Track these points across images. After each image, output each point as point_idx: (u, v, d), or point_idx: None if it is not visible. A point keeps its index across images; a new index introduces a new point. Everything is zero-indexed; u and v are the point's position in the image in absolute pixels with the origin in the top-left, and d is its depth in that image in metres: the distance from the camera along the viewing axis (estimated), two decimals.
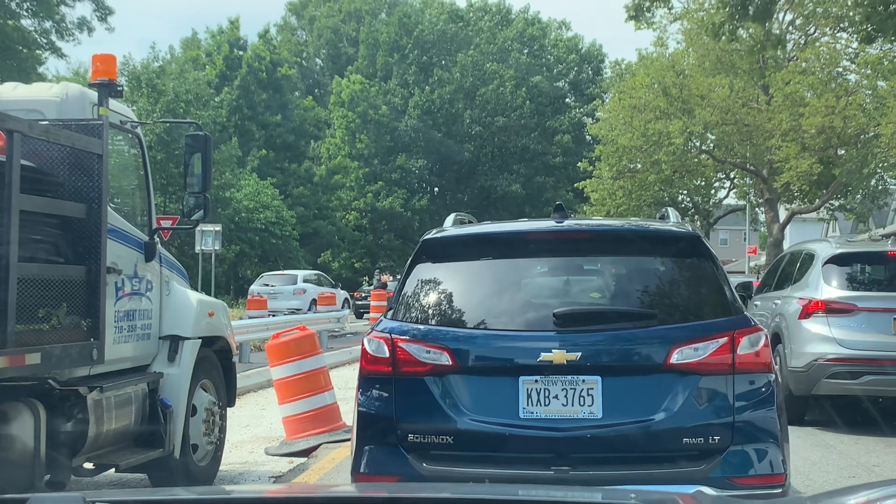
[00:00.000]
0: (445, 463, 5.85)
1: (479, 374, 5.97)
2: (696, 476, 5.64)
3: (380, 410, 6.00)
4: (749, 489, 5.69)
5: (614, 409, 5.77)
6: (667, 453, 5.78)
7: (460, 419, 5.83)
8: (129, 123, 8.82)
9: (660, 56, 48.89)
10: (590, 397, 5.78)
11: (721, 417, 5.79)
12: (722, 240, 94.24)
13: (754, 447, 5.83)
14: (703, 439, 5.75)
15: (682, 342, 5.83)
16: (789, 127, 40.33)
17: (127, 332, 8.52)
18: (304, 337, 12.02)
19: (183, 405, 8.99)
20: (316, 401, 11.82)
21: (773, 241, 47.51)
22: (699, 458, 5.75)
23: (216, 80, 62.56)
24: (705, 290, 6.28)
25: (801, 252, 14.65)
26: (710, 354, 5.81)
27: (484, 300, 6.21)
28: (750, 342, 5.90)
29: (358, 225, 71.37)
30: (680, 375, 5.80)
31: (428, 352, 5.92)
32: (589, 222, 7.83)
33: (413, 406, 5.93)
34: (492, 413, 5.84)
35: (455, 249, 6.53)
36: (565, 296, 6.51)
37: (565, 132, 77.35)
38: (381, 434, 6.01)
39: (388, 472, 5.90)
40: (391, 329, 6.09)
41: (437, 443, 5.89)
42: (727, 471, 5.73)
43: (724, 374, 5.82)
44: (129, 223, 8.69)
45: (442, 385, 5.89)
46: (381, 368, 6.01)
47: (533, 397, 5.81)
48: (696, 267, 6.37)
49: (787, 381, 13.16)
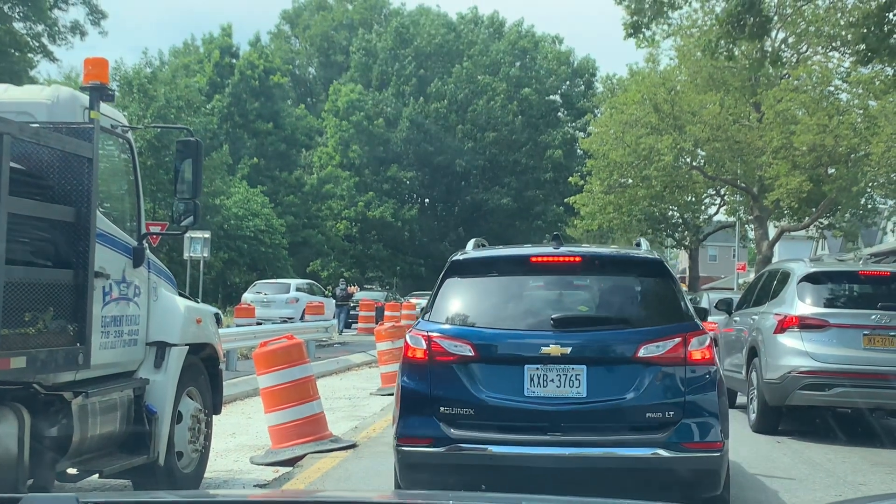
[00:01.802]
0: (468, 429, 7.62)
1: (494, 362, 7.79)
2: (655, 441, 7.48)
3: (418, 389, 7.76)
4: (695, 452, 7.50)
5: (596, 391, 7.60)
6: (635, 424, 7.58)
7: (480, 396, 7.63)
8: (120, 128, 8.78)
9: (651, 72, 48.93)
10: (577, 381, 7.60)
11: (675, 398, 7.57)
12: (711, 256, 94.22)
13: (700, 421, 7.57)
14: (662, 414, 7.53)
15: (647, 340, 7.65)
16: (780, 144, 40.38)
17: (114, 338, 8.47)
18: (292, 346, 11.97)
19: (168, 412, 8.94)
20: (302, 410, 11.77)
21: (762, 259, 47.48)
22: (658, 427, 7.53)
23: (207, 87, 62.44)
24: (665, 301, 8.15)
25: (779, 270, 15.39)
26: (667, 350, 7.62)
27: (498, 306, 8.12)
28: (698, 342, 7.71)
29: (348, 234, 71.20)
30: (645, 366, 7.61)
31: (455, 345, 7.74)
32: (578, 249, 9.45)
33: (444, 386, 7.70)
34: (504, 392, 7.66)
35: (475, 267, 8.46)
36: (559, 305, 8.35)
37: (557, 147, 77.30)
38: (419, 407, 7.73)
39: (425, 435, 7.66)
40: (427, 328, 7.93)
41: (462, 413, 7.64)
42: (679, 438, 7.49)
43: (678, 365, 7.61)
44: (118, 228, 8.64)
45: (466, 370, 7.71)
46: (419, 357, 7.80)
47: (535, 380, 7.63)
48: (660, 284, 8.30)
49: (763, 392, 13.87)
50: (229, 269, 55.38)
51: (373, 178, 73.33)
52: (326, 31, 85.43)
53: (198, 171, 8.98)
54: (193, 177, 8.94)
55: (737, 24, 19.15)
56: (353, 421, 15.39)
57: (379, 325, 21.13)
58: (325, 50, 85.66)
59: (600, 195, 50.33)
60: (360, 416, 16.14)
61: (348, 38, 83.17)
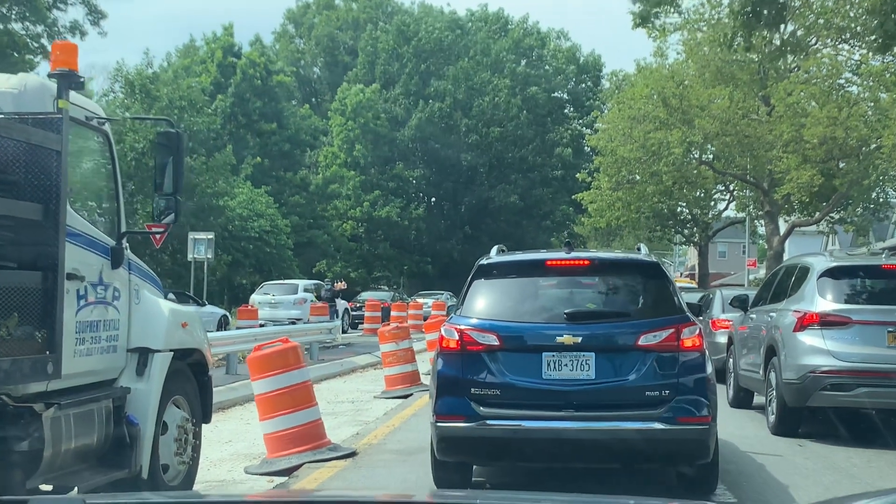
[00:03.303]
0: (495, 407, 8.74)
1: (516, 350, 8.91)
2: (653, 416, 8.61)
3: (452, 374, 8.92)
4: (687, 425, 8.63)
5: (603, 373, 8.77)
6: (636, 401, 8.71)
7: (504, 379, 8.78)
8: (96, 119, 8.20)
9: (659, 67, 48.33)
10: (587, 365, 8.76)
11: (669, 379, 8.70)
12: (720, 252, 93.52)
13: (690, 398, 8.70)
14: (658, 393, 8.68)
15: (646, 331, 8.82)
16: (790, 138, 39.81)
17: (90, 344, 7.90)
18: (287, 349, 11.38)
19: (152, 423, 8.37)
20: (299, 417, 11.19)
21: (773, 254, 46.91)
22: (656, 404, 8.65)
23: (210, 87, 61.85)
24: (661, 298, 9.36)
25: (797, 265, 14.71)
26: (663, 339, 8.78)
27: (518, 303, 9.34)
28: (689, 332, 8.88)
29: (354, 234, 70.59)
30: (644, 352, 8.76)
31: (483, 336, 8.91)
32: (587, 253, 11.17)
33: (474, 371, 8.84)
34: (525, 375, 8.80)
35: (499, 270, 9.66)
36: (571, 301, 9.50)
37: (565, 145, 76.73)
38: (453, 389, 8.87)
39: (458, 413, 8.77)
40: (459, 322, 9.13)
41: (490, 394, 8.78)
42: (673, 413, 8.61)
43: (672, 352, 8.76)
44: (94, 227, 8.06)
45: (492, 357, 8.86)
46: (452, 347, 8.99)
47: (551, 365, 8.76)
48: (656, 283, 9.52)
49: (783, 393, 13.19)
50: (234, 270, 54.83)
51: (378, 177, 72.74)
52: (331, 31, 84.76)
53: (179, 164, 8.38)
54: (174, 171, 8.34)
55: (753, 14, 18.56)
56: (355, 426, 14.82)
57: (383, 326, 20.52)
58: (331, 50, 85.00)
59: (608, 192, 49.82)
60: (363, 420, 15.56)
61: (354, 38, 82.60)
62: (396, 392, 18.69)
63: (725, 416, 15.07)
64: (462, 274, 10.84)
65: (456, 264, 72.18)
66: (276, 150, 64.66)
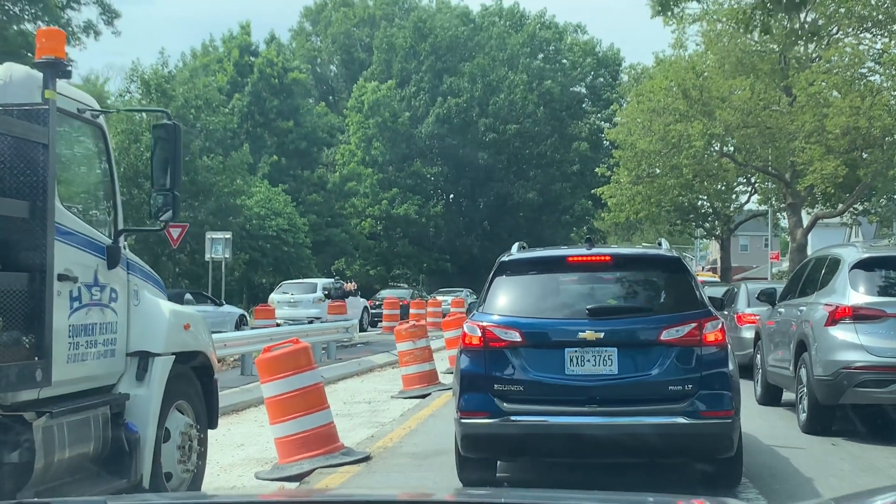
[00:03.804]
0: (518, 403, 8.75)
1: (539, 346, 8.90)
2: (676, 411, 8.60)
3: (475, 370, 8.91)
4: (710, 419, 8.59)
5: (625, 368, 8.74)
6: (659, 396, 8.67)
7: (527, 375, 8.78)
8: (89, 112, 7.79)
9: (678, 59, 47.81)
10: (610, 361, 8.73)
11: (692, 374, 8.67)
12: (742, 246, 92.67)
13: (713, 392, 8.69)
14: (682, 387, 8.64)
15: (668, 326, 8.78)
16: (813, 128, 39.30)
17: (85, 349, 7.50)
18: (298, 350, 10.95)
19: (153, 430, 7.97)
20: (311, 420, 10.75)
21: (797, 247, 46.37)
22: (679, 399, 8.63)
23: (227, 86, 61.49)
24: (683, 292, 9.29)
25: (827, 257, 14.05)
26: (685, 334, 8.74)
27: (540, 299, 9.31)
28: (711, 326, 8.84)
29: (373, 232, 70.16)
30: (667, 347, 8.73)
31: (506, 333, 8.87)
32: (608, 249, 10.90)
33: (497, 367, 8.83)
34: (548, 371, 8.79)
35: (520, 267, 9.64)
36: (592, 297, 9.31)
37: (583, 139, 76.18)
38: (476, 385, 8.86)
39: (482, 410, 8.76)
40: (481, 319, 9.11)
41: (513, 390, 8.78)
42: (696, 407, 8.60)
43: (694, 346, 8.72)
44: (88, 224, 7.66)
45: (515, 354, 8.83)
46: (475, 344, 8.95)
47: (574, 361, 8.74)
48: (678, 278, 9.47)
49: (814, 390, 12.59)
50: (253, 269, 54.50)
51: (396, 175, 72.31)
52: (348, 28, 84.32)
53: (177, 158, 7.95)
54: (172, 165, 7.92)
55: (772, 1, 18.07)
56: (371, 428, 14.40)
57: (399, 324, 20.08)
58: (347, 47, 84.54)
59: (628, 186, 49.36)
60: (379, 422, 15.14)
61: (370, 35, 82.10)
62: (414, 392, 18.28)
63: (754, 413, 14.62)
64: (481, 271, 10.55)
65: (475, 261, 71.77)
66: (292, 149, 64.25)
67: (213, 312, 32.78)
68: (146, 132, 45.23)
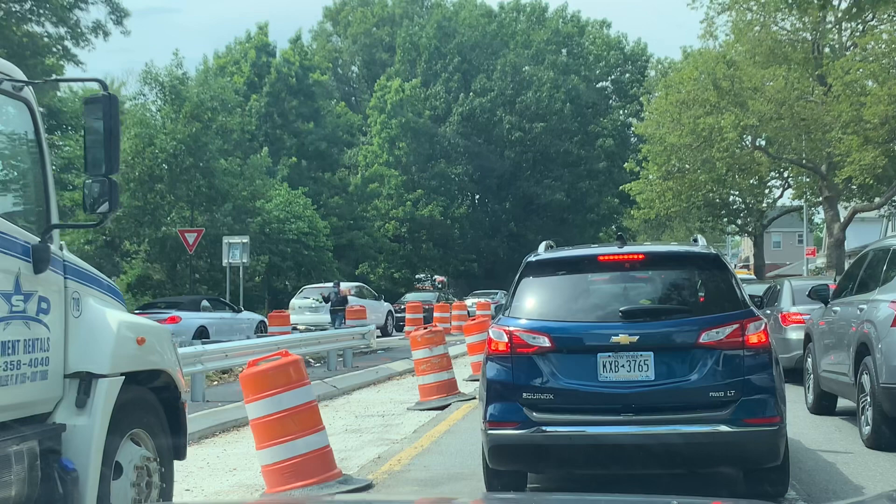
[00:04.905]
0: (549, 412, 8.24)
1: (569, 352, 8.37)
2: (718, 418, 8.01)
3: (502, 378, 8.43)
4: (755, 427, 8.03)
5: (663, 374, 8.19)
6: (699, 403, 8.10)
7: (558, 382, 8.27)
8: (10, 83, 6.42)
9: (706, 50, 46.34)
10: (646, 366, 8.19)
11: (735, 378, 8.11)
12: (774, 242, 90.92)
13: (758, 398, 8.11)
14: (723, 393, 8.09)
15: (708, 327, 8.23)
16: (850, 118, 37.79)
17: (6, 371, 6.12)
18: (287, 364, 9.55)
19: (96, 466, 6.58)
20: (302, 445, 9.37)
21: (834, 242, 44.81)
22: (721, 406, 8.07)
23: (244, 87, 60.19)
24: (723, 292, 8.73)
25: (888, 249, 12.44)
26: (727, 336, 8.19)
27: (570, 301, 8.80)
28: (754, 327, 8.27)
29: (397, 235, 68.75)
30: (707, 350, 8.18)
31: (534, 338, 8.39)
32: (642, 247, 10.36)
33: (525, 374, 8.34)
34: (579, 378, 8.27)
35: (548, 267, 9.10)
36: (625, 298, 8.82)
37: (608, 136, 74.64)
38: (504, 394, 8.38)
39: (510, 420, 8.28)
40: (507, 323, 8.61)
41: (543, 399, 8.27)
42: (740, 414, 8.02)
43: (736, 349, 8.17)
44: (8, 220, 6.28)
45: (544, 360, 8.33)
46: (502, 350, 8.49)
47: (607, 367, 8.23)
48: (717, 276, 8.90)
49: (880, 399, 11.00)
50: (274, 274, 53.22)
51: (420, 176, 70.91)
52: (368, 28, 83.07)
53: (114, 137, 6.49)
54: (108, 146, 6.47)
55: None
56: (379, 446, 13.00)
57: (415, 330, 18.64)
58: (368, 47, 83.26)
59: (658, 181, 47.97)
60: (390, 439, 13.74)
61: (391, 34, 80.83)
62: (431, 403, 16.87)
63: (807, 424, 13.21)
64: (508, 272, 9.50)
65: (501, 263, 70.36)
66: (312, 150, 62.90)
67: (230, 319, 31.55)
68: (161, 133, 44.09)
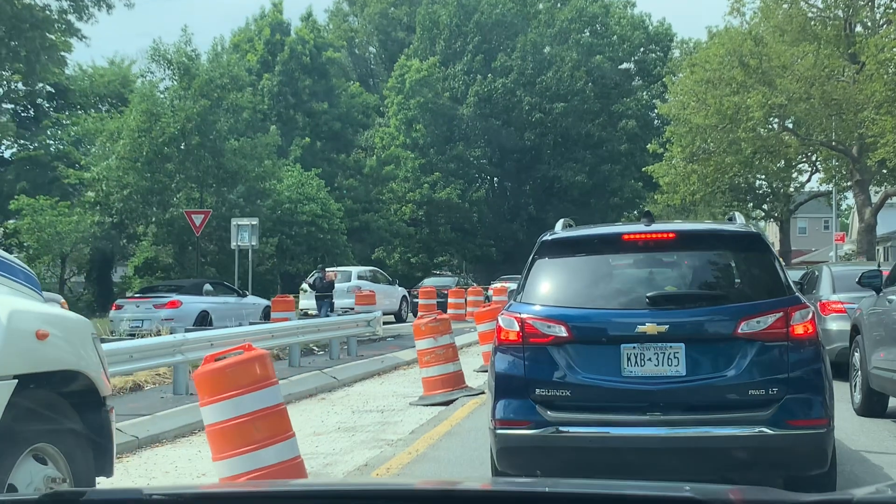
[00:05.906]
0: (565, 411, 7.51)
1: (589, 342, 7.65)
2: (759, 419, 7.22)
3: (513, 372, 7.72)
4: (800, 429, 7.23)
5: (695, 369, 7.41)
6: (737, 402, 7.32)
7: (576, 377, 7.53)
8: None
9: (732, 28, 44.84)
10: (676, 359, 7.41)
11: (778, 374, 7.31)
12: (801, 228, 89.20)
13: (804, 397, 7.33)
14: (765, 391, 7.29)
15: (747, 316, 7.40)
16: (884, 98, 36.21)
17: None
18: (251, 359, 8.04)
19: None
20: (268, 455, 7.86)
21: (865, 227, 43.29)
22: (761, 405, 7.28)
23: (258, 66, 58.76)
24: (765, 276, 7.85)
25: None
26: (769, 326, 7.37)
27: (590, 286, 7.99)
28: (801, 316, 7.44)
29: (414, 218, 67.27)
30: (746, 342, 7.37)
31: (549, 326, 7.65)
32: (672, 225, 9.32)
33: (539, 368, 7.63)
34: (600, 372, 7.53)
35: (565, 247, 8.30)
36: (653, 283, 8.04)
37: (630, 117, 72.94)
38: (514, 390, 7.67)
39: (521, 418, 7.57)
40: (519, 309, 7.87)
41: (559, 395, 7.55)
42: (783, 415, 7.23)
43: (780, 341, 7.36)
44: None
45: (560, 351, 7.60)
46: (512, 340, 7.77)
47: (632, 360, 7.47)
48: (758, 258, 8.01)
49: None
50: (285, 257, 51.86)
51: (438, 158, 69.39)
52: (385, 7, 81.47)
53: None
54: None
55: None
56: (371, 449, 11.57)
57: (417, 318, 17.21)
58: (385, 28, 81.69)
59: (682, 164, 46.45)
60: (384, 440, 12.30)
61: (408, 14, 79.23)
62: (435, 398, 15.44)
63: (854, 427, 11.79)
64: (527, 257, 8.33)
65: (521, 247, 68.88)
66: (326, 131, 61.46)
67: (234, 304, 30.13)
68: (168, 112, 42.80)
